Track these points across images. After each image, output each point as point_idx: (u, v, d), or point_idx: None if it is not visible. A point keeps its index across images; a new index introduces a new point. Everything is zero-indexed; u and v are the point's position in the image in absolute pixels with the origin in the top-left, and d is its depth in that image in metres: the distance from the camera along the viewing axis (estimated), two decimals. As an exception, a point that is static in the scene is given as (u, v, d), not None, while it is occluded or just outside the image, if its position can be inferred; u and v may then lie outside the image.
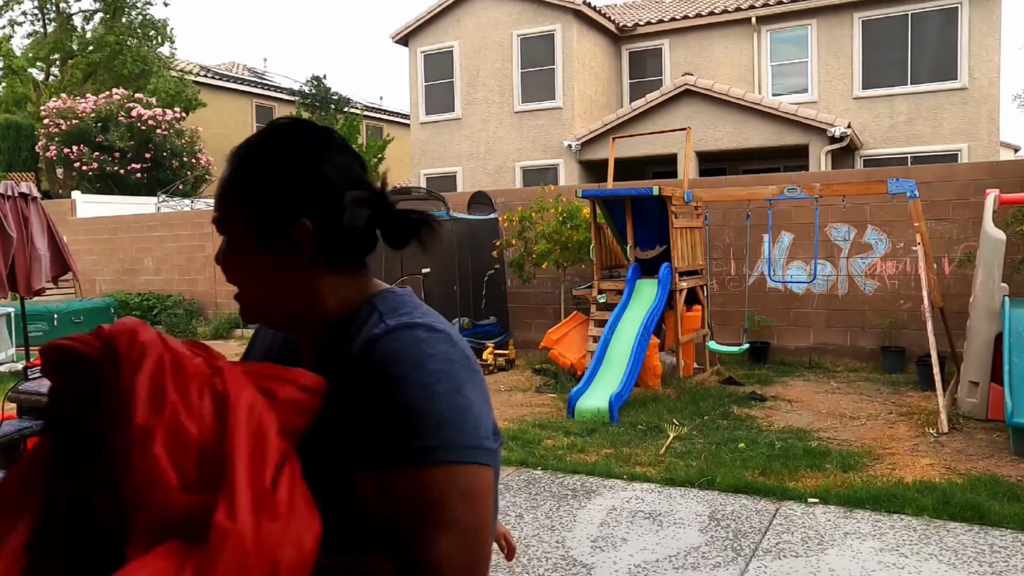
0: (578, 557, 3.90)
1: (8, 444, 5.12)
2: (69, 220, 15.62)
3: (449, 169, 18.73)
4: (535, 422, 6.63)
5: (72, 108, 18.40)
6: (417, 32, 18.91)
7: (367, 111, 27.19)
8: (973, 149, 15.19)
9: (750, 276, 9.31)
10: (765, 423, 6.42)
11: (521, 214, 9.62)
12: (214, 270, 13.92)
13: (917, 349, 8.13)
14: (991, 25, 15.19)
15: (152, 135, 18.62)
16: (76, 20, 22.07)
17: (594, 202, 8.31)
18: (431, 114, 18.93)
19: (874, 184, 7.46)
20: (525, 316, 10.65)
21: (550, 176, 17.10)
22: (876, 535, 4.06)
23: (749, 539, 4.07)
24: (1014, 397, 5.41)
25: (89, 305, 13.32)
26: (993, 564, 3.68)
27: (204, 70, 24.72)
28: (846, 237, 8.93)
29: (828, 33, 16.45)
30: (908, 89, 15.74)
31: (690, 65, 17.57)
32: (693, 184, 9.28)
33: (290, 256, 1.08)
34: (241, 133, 16.02)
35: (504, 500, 4.75)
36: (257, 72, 29.14)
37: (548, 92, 17.54)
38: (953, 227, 8.44)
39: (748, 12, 17.01)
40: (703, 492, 4.79)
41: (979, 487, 4.65)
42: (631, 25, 18.40)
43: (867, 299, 8.87)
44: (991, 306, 6.28)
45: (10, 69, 21.19)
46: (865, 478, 4.94)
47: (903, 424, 6.30)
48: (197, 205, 17.66)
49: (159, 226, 14.68)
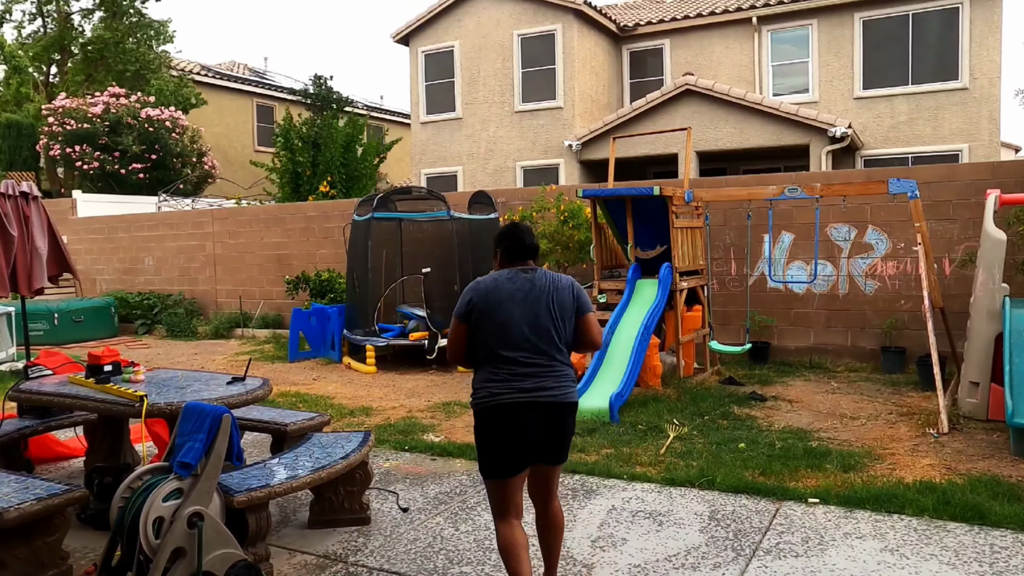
0: (578, 557, 3.90)
1: (8, 443, 5.12)
2: (70, 219, 15.63)
3: (450, 169, 18.73)
4: (535, 422, 6.63)
5: (82, 109, 18.37)
6: (418, 32, 18.92)
7: (368, 111, 27.19)
8: (974, 149, 15.19)
9: (751, 276, 9.31)
10: (765, 423, 6.42)
11: (522, 214, 9.63)
12: (214, 269, 13.93)
13: (917, 349, 8.13)
14: (992, 25, 15.19)
15: (161, 136, 18.62)
16: (75, 19, 22.06)
17: (595, 202, 8.31)
18: (432, 114, 18.93)
19: (875, 184, 7.46)
20: (525, 316, 10.63)
21: (551, 176, 17.11)
22: (876, 535, 4.06)
23: (749, 539, 4.07)
24: (1014, 397, 5.41)
25: (89, 304, 13.34)
26: (993, 564, 3.68)
27: (205, 70, 24.72)
28: (847, 237, 8.93)
29: (829, 33, 16.45)
30: (909, 89, 15.74)
31: (691, 65, 17.57)
32: (694, 184, 9.28)
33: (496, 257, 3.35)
34: (242, 133, 16.20)
35: (504, 500, 4.75)
36: (258, 71, 29.14)
37: (549, 92, 17.55)
38: (954, 227, 8.44)
39: (749, 12, 17.02)
40: (703, 492, 4.79)
41: (979, 487, 4.64)
42: (632, 25, 18.40)
43: (868, 299, 8.87)
44: (992, 306, 6.28)
45: (12, 68, 21.18)
46: (865, 478, 4.94)
47: (903, 424, 6.30)
48: (198, 205, 17.67)
49: (160, 225, 14.69)
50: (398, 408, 7.41)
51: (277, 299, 13.03)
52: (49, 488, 3.69)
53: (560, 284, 3.21)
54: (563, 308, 3.16)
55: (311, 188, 15.56)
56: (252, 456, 5.36)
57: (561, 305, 3.16)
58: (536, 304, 3.12)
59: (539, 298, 3.13)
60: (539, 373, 3.09)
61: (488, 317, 3.12)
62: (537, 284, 3.16)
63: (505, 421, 3.05)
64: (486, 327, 3.12)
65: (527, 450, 3.09)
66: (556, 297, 3.16)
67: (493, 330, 3.11)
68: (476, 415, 3.16)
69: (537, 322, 3.11)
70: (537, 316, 3.11)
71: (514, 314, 3.10)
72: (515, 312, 3.10)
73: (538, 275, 3.21)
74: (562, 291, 3.19)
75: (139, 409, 3.99)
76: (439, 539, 4.17)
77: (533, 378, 3.07)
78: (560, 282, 3.22)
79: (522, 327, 3.09)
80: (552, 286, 3.18)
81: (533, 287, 3.15)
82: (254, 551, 3.58)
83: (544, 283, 3.18)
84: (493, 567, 3.80)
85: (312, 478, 3.93)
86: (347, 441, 4.49)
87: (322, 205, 13.01)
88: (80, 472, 5.42)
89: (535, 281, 3.17)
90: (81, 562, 3.92)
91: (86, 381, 4.54)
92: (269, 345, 11.85)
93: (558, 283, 3.21)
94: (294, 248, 13.00)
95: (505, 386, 3.06)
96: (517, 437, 3.05)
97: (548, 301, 3.14)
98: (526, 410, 3.04)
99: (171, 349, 11.87)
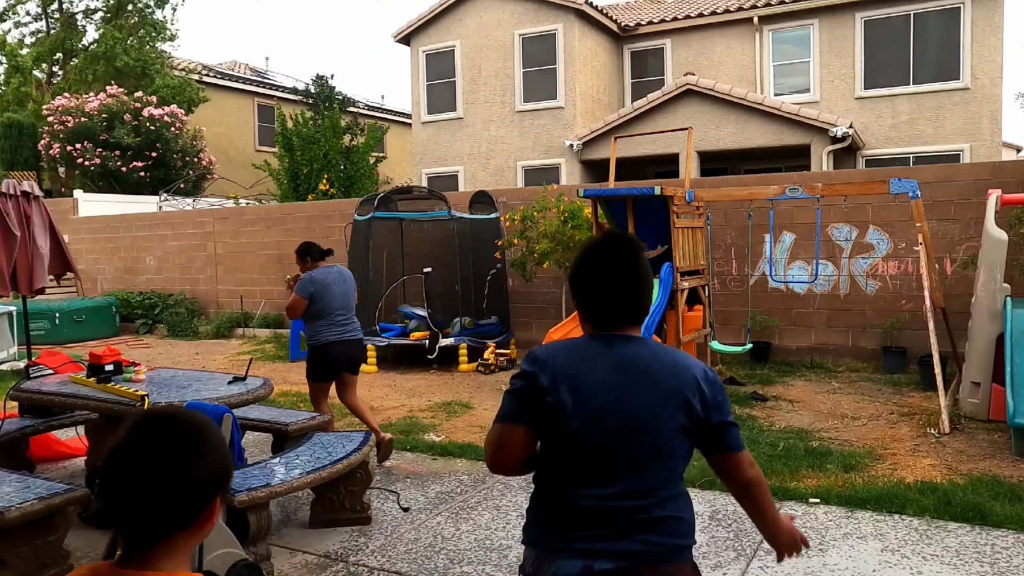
0: (579, 557, 3.90)
1: (10, 442, 5.13)
2: (71, 219, 15.64)
3: (451, 169, 18.73)
4: (536, 422, 6.63)
5: (79, 107, 18.41)
6: (419, 31, 18.92)
7: (368, 110, 27.19)
8: (975, 149, 15.18)
9: (752, 276, 9.30)
10: (766, 423, 6.42)
11: (523, 213, 9.62)
12: (216, 269, 13.93)
13: (919, 349, 8.12)
14: (993, 25, 15.17)
15: (161, 133, 18.63)
16: (78, 19, 22.08)
17: (596, 202, 8.30)
18: (433, 113, 18.93)
19: (876, 184, 7.45)
20: (526, 316, 10.65)
21: (552, 176, 17.10)
22: (877, 535, 4.06)
23: (750, 539, 4.06)
24: (1016, 398, 5.41)
25: (91, 304, 13.35)
26: (995, 564, 3.67)
27: (206, 69, 24.71)
28: (848, 237, 8.92)
29: (830, 33, 16.44)
30: (910, 89, 15.72)
31: (692, 65, 17.56)
32: (695, 184, 9.27)
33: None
34: (243, 132, 16.14)
35: (505, 499, 4.76)
36: (259, 71, 29.14)
37: (550, 92, 17.54)
38: (955, 227, 8.44)
39: (750, 12, 17.00)
40: (704, 492, 4.79)
41: (980, 488, 4.64)
42: (633, 25, 18.39)
43: (869, 299, 8.86)
44: (993, 306, 6.27)
45: (14, 68, 21.19)
46: (866, 478, 4.94)
47: (904, 424, 6.30)
48: (199, 204, 17.67)
49: (161, 225, 14.70)
50: (399, 408, 7.41)
51: (278, 299, 13.02)
52: (50, 487, 3.70)
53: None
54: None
55: (310, 187, 15.56)
56: (253, 456, 5.36)
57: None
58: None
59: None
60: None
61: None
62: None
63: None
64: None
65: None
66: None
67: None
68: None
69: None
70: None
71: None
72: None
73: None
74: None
75: (140, 409, 3.99)
76: (440, 539, 4.17)
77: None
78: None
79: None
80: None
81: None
82: (255, 550, 3.58)
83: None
84: (494, 567, 3.80)
85: (313, 478, 3.93)
86: (348, 441, 4.50)
87: (323, 205, 13.02)
88: (81, 471, 5.43)
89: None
90: (82, 561, 3.92)
91: (87, 380, 4.54)
92: (270, 345, 11.86)
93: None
94: (295, 248, 12.98)
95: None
96: None
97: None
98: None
99: (172, 349, 11.88)
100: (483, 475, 5.24)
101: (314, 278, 5.54)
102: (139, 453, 1.24)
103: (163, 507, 1.23)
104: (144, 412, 1.32)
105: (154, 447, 1.24)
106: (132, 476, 1.22)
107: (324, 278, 5.57)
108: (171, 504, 1.23)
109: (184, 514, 1.25)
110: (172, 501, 1.23)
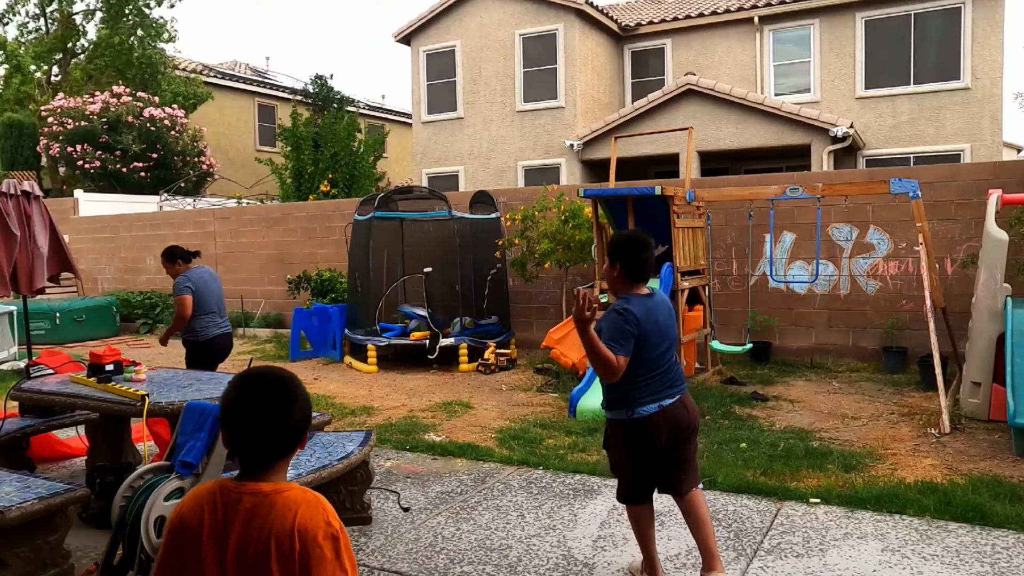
0: (579, 556, 3.90)
1: (10, 442, 5.12)
2: (71, 219, 15.65)
3: (451, 168, 18.74)
4: (536, 422, 6.64)
5: (80, 109, 18.38)
6: (419, 31, 18.92)
7: (369, 110, 27.19)
8: (976, 149, 15.18)
9: (752, 276, 9.30)
10: (767, 423, 6.41)
11: (523, 213, 9.62)
12: (216, 269, 13.94)
13: (919, 349, 8.12)
14: (994, 25, 15.17)
15: (163, 135, 18.62)
16: (78, 19, 22.06)
17: (596, 202, 8.31)
18: (433, 113, 18.93)
19: (876, 184, 7.45)
20: (527, 316, 10.65)
21: (552, 176, 17.10)
22: (878, 535, 4.06)
23: (750, 539, 4.06)
24: (1016, 398, 5.40)
25: (91, 304, 13.35)
26: (995, 564, 3.67)
27: (207, 69, 24.72)
28: (848, 237, 8.92)
29: (830, 33, 16.44)
30: (911, 89, 15.73)
31: (692, 65, 17.56)
32: (695, 184, 9.27)
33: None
34: (243, 132, 16.13)
35: (505, 499, 4.75)
36: (259, 71, 29.14)
37: (550, 92, 17.54)
38: (955, 227, 8.43)
39: (750, 12, 17.00)
40: (705, 492, 4.78)
41: (981, 488, 4.64)
42: (633, 25, 18.39)
43: (869, 299, 8.86)
44: (993, 306, 6.27)
45: (15, 68, 21.18)
46: (867, 478, 4.94)
47: (905, 424, 6.29)
48: (200, 204, 17.67)
49: (162, 225, 14.70)
50: (399, 407, 7.41)
51: (279, 298, 13.03)
52: (51, 487, 3.70)
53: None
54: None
55: (312, 187, 15.57)
56: (253, 455, 5.34)
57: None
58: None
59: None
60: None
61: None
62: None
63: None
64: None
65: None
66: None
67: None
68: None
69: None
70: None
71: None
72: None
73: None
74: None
75: (140, 408, 3.99)
76: (440, 539, 4.17)
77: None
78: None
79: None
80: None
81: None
82: (255, 550, 3.58)
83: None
84: (494, 567, 3.80)
85: (313, 477, 3.93)
86: (348, 440, 4.50)
87: (323, 205, 13.02)
88: (82, 471, 5.42)
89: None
90: (83, 561, 3.92)
91: (87, 380, 4.54)
92: (270, 344, 11.86)
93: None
94: (295, 248, 13.01)
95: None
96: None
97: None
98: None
99: (172, 349, 11.85)
100: (483, 475, 5.24)
101: (190, 277, 6.00)
102: (252, 405, 1.74)
103: (272, 443, 1.76)
104: (248, 372, 1.81)
105: (263, 400, 1.74)
106: (249, 422, 1.74)
107: (200, 277, 6.05)
108: (278, 441, 1.76)
109: (286, 447, 1.78)
110: (279, 439, 1.76)
